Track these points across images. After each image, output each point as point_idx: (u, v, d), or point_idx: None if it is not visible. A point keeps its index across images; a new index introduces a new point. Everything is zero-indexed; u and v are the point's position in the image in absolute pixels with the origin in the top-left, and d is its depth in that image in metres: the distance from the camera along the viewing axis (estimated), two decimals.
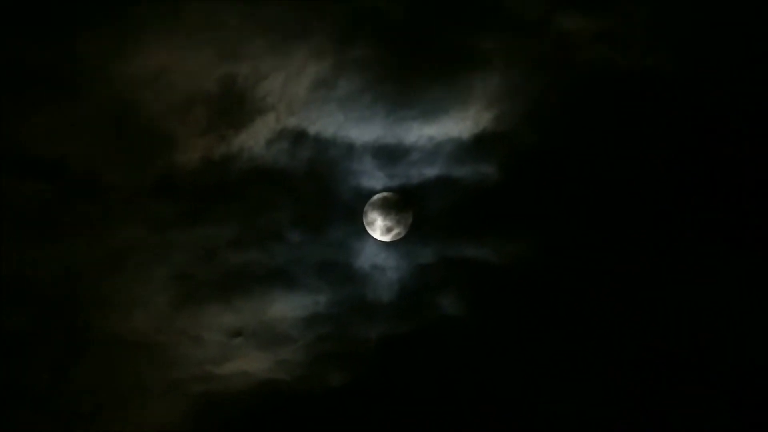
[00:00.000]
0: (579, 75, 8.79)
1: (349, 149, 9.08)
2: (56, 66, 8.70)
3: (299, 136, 9.07)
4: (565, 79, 8.81)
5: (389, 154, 9.10)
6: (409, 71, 8.86)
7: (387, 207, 9.20)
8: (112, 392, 9.47)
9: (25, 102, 8.81)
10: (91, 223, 9.18)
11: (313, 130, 9.05)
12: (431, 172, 9.10)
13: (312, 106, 8.99)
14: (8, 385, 9.28)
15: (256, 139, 9.07)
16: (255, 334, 9.48)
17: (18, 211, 9.04)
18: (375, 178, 9.16)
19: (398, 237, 9.30)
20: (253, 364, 9.51)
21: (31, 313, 9.23)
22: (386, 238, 9.29)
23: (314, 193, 9.19)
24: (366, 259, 9.34)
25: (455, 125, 8.96)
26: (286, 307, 9.41)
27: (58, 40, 8.62)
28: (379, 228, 9.25)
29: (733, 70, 8.55)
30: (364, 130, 9.04)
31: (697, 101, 8.64)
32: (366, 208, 9.23)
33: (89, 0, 8.57)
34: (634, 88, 8.73)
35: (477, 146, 9.00)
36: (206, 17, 8.68)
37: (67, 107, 8.85)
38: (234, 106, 8.97)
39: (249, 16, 8.70)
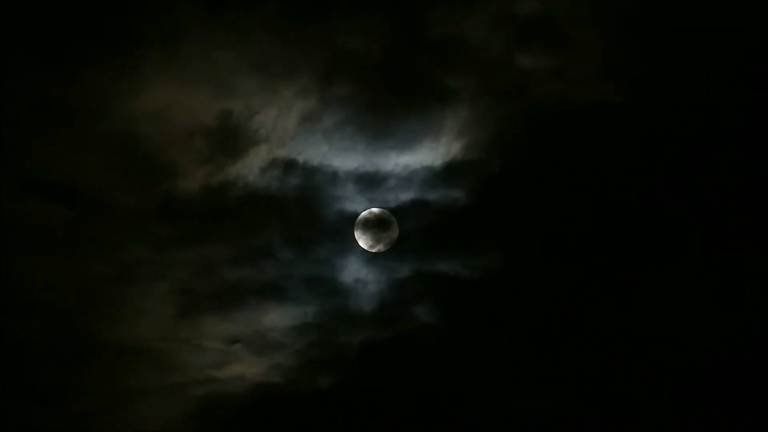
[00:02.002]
0: (538, 108, 9.20)
1: (334, 176, 9.39)
2: (70, 101, 9.03)
3: (289, 165, 9.37)
4: (525, 111, 9.22)
5: (369, 181, 9.43)
6: (386, 106, 9.23)
7: (372, 224, 9.48)
8: (121, 393, 9.74)
9: (42, 132, 9.08)
10: (101, 242, 9.46)
11: (301, 159, 9.38)
12: (407, 196, 9.44)
13: (300, 138, 9.32)
14: (28, 385, 9.50)
15: (250, 167, 9.35)
16: (250, 342, 9.74)
17: (35, 231, 9.26)
18: (357, 202, 9.46)
19: (381, 250, 9.54)
20: (249, 368, 9.77)
21: (47, 322, 9.46)
22: (374, 250, 9.53)
23: (302, 215, 9.48)
24: (349, 273, 9.66)
25: (428, 154, 9.32)
26: (278, 317, 9.68)
27: (72, 78, 8.92)
28: (365, 243, 9.51)
29: (676, 102, 8.93)
30: (347, 159, 9.35)
31: (642, 129, 9.06)
32: (358, 222, 9.48)
33: (100, 42, 8.75)
34: (586, 119, 9.11)
35: (447, 173, 9.37)
36: (204, 59, 9.02)
37: (80, 138, 9.14)
38: (230, 138, 9.29)
39: (242, 59, 9.06)
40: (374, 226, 9.44)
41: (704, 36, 8.84)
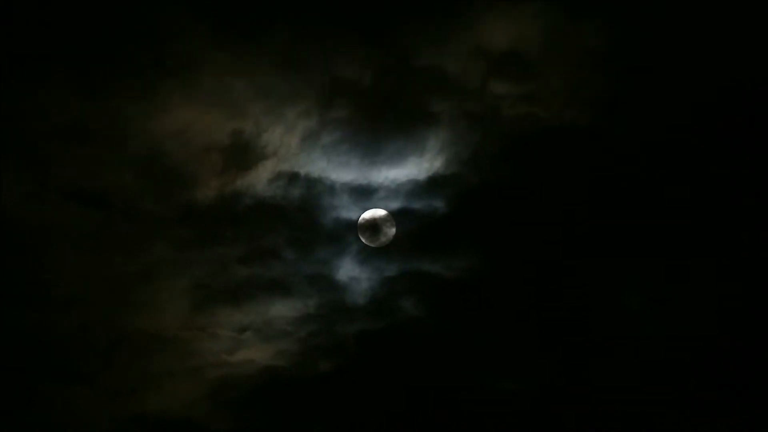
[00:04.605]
0: (509, 128, 9.41)
1: (331, 187, 9.64)
2: (103, 121, 9.26)
3: (292, 177, 9.59)
4: (498, 131, 9.42)
5: (362, 192, 9.69)
6: (377, 127, 9.43)
7: (366, 228, 9.77)
8: (147, 376, 9.95)
9: (78, 148, 9.34)
10: (129, 243, 9.67)
11: (303, 172, 9.59)
12: (395, 205, 9.73)
13: (302, 154, 9.54)
14: (67, 369, 9.78)
15: (258, 179, 9.59)
16: (259, 330, 9.96)
17: (71, 234, 9.57)
18: (351, 211, 9.74)
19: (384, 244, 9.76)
20: (258, 353, 10.00)
21: (82, 314, 9.73)
22: (374, 245, 9.75)
23: (304, 221, 9.73)
24: (345, 272, 9.89)
25: (413, 169, 9.57)
26: (284, 309, 9.92)
27: (104, 102, 9.21)
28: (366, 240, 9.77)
29: (632, 123, 9.34)
30: (343, 173, 9.60)
31: (602, 148, 9.43)
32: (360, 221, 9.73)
33: (128, 71, 9.13)
34: (553, 138, 9.42)
35: (430, 185, 9.59)
36: (218, 85, 9.27)
37: (111, 153, 9.38)
38: (241, 154, 9.50)
39: (252, 85, 9.27)
40: (368, 229, 9.71)
41: (661, 66, 9.25)
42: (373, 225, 9.74)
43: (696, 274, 9.59)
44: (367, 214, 9.73)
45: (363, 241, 9.75)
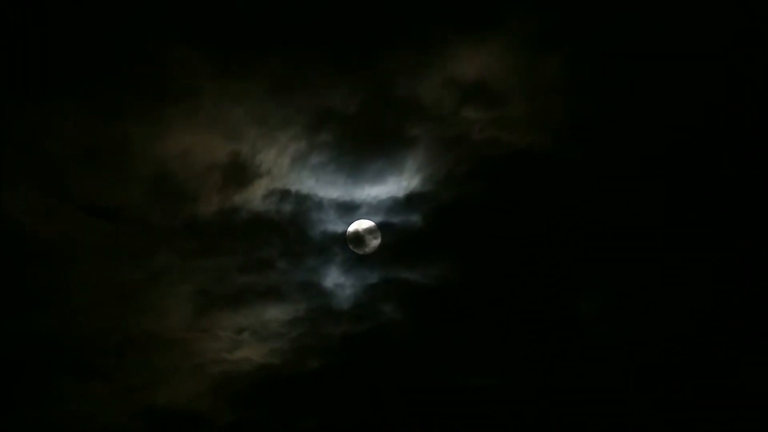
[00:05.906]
0: (479, 150, 9.66)
1: (319, 204, 9.89)
2: (115, 144, 9.43)
3: (284, 194, 9.83)
4: (469, 153, 9.67)
5: (347, 207, 9.94)
6: (360, 149, 9.66)
7: (352, 239, 10.11)
8: (155, 373, 10.39)
9: (92, 168, 9.51)
10: (138, 253, 9.97)
11: (293, 189, 9.81)
12: (376, 219, 10.01)
13: (293, 173, 9.74)
14: (81, 366, 10.20)
15: (254, 195, 9.83)
16: (255, 332, 10.36)
17: (86, 245, 9.85)
18: (337, 225, 10.07)
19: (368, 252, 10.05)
20: (254, 352, 10.41)
21: (95, 317, 10.11)
22: (361, 252, 10.05)
23: (295, 234, 10.02)
24: (332, 279, 10.25)
25: (393, 187, 9.84)
26: (277, 313, 10.31)
27: (116, 127, 9.33)
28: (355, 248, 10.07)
29: (586, 146, 9.59)
30: (329, 190, 9.85)
31: (561, 169, 9.76)
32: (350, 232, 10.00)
33: (138, 99, 9.15)
34: (517, 159, 9.69)
35: (408, 202, 9.89)
36: (218, 112, 9.41)
37: (122, 172, 9.58)
38: (238, 173, 9.72)
39: (248, 112, 9.42)
40: (353, 240, 10.05)
41: (617, 97, 9.43)
42: (362, 234, 10.01)
43: (651, 282, 10.05)
44: (353, 226, 9.99)
45: (351, 248, 10.04)
